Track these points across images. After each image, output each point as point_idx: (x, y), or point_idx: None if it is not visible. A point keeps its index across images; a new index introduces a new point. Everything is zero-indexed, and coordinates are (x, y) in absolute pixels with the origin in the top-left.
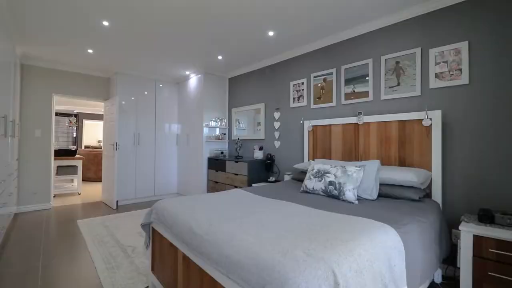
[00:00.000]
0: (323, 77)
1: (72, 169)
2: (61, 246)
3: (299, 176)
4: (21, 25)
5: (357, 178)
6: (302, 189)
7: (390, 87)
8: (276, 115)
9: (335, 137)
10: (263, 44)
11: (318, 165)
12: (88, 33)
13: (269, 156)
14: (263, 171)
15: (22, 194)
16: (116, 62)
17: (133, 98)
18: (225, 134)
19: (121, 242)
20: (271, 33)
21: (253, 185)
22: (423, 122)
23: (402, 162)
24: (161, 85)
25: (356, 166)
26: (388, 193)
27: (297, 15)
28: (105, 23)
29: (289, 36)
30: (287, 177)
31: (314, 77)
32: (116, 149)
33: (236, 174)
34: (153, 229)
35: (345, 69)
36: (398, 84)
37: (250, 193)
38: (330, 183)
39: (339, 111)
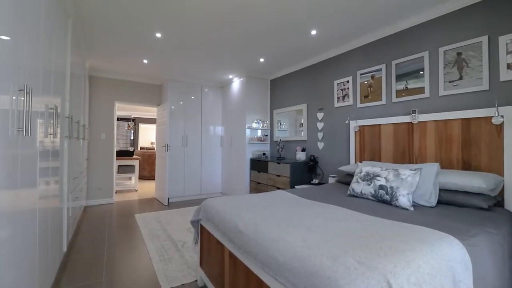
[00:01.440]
0: (370, 74)
1: (130, 168)
2: (122, 237)
3: (345, 179)
4: (90, 42)
5: (412, 182)
6: (348, 192)
7: (450, 82)
8: (319, 115)
9: (385, 137)
10: (306, 44)
11: (367, 167)
12: (144, 45)
13: (312, 157)
14: (306, 173)
15: (90, 190)
16: (167, 70)
17: (181, 102)
18: (266, 135)
19: (172, 237)
20: (313, 32)
21: (295, 187)
22: (492, 120)
23: (467, 166)
24: (206, 90)
25: (411, 170)
26: (449, 200)
27: (345, 8)
28: (158, 35)
29: (333, 34)
30: (331, 180)
31: (361, 74)
32: (167, 150)
33: (278, 176)
34: (201, 226)
35: (396, 64)
36: (461, 78)
37: (294, 195)
38: (381, 187)
39: (389, 110)
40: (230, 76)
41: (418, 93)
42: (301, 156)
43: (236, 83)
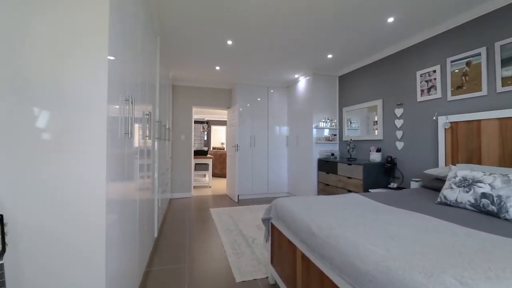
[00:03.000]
0: (465, 60)
1: (204, 166)
2: (200, 228)
3: (433, 184)
4: (173, 55)
5: None
6: (439, 200)
7: None
8: (398, 111)
9: (487, 135)
10: (380, 34)
11: (464, 171)
12: (217, 53)
13: (389, 159)
14: (382, 176)
15: (173, 184)
16: (236, 74)
17: (248, 104)
18: (335, 135)
19: (243, 232)
20: (390, 19)
21: (370, 190)
22: None
23: None
24: (272, 91)
25: None
26: None
27: None
28: (229, 42)
29: (414, 18)
30: (414, 184)
31: (452, 61)
32: (237, 150)
33: (349, 178)
34: (272, 225)
35: (500, 46)
36: None
37: (370, 200)
38: (484, 195)
39: (492, 102)
40: (296, 76)
41: None
42: (375, 157)
43: (302, 82)
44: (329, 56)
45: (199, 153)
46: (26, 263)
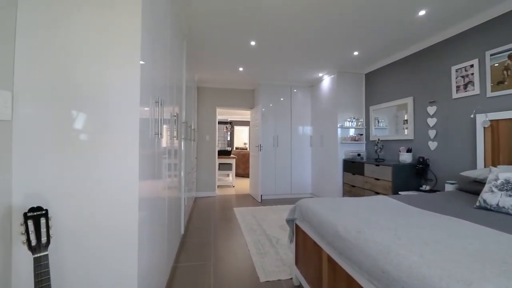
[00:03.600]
0: (507, 53)
1: (228, 166)
2: (224, 227)
3: (470, 187)
4: (198, 58)
5: None
6: (478, 204)
7: None
8: (431, 109)
9: None
10: (410, 28)
11: (506, 173)
12: (240, 54)
13: (421, 159)
14: (413, 178)
15: (199, 183)
16: (259, 75)
17: (271, 104)
18: (362, 134)
19: (267, 232)
20: (422, 12)
21: (399, 193)
22: None
23: None
24: (295, 90)
25: None
26: None
27: None
28: (252, 43)
29: (449, 10)
30: (449, 187)
31: (492, 55)
32: (260, 150)
33: (377, 179)
34: (297, 226)
35: None
36: None
37: (401, 202)
38: None
39: None
40: (320, 74)
41: None
42: (406, 157)
43: (326, 81)
44: (355, 53)
45: (222, 153)
46: (68, 254)
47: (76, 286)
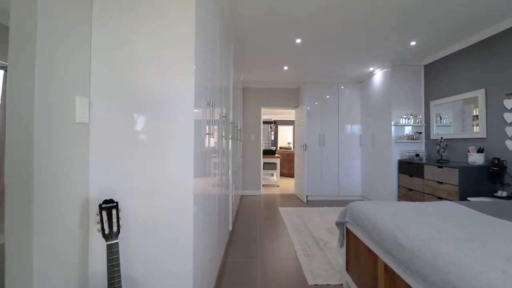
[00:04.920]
0: None
1: (272, 165)
2: (270, 226)
3: None
4: (243, 59)
5: None
6: None
7: None
8: (508, 103)
9: None
10: (481, 9)
11: None
12: (285, 53)
13: (495, 161)
14: (485, 182)
15: (244, 182)
16: (305, 73)
17: (316, 103)
18: (420, 133)
19: (314, 234)
20: None
21: (468, 199)
22: None
23: None
24: (342, 87)
25: None
26: None
27: None
28: (298, 40)
29: None
30: None
31: None
32: (305, 150)
33: (440, 183)
34: (347, 229)
35: None
36: None
37: (472, 210)
38: None
39: None
40: (371, 69)
41: None
42: (476, 158)
43: (378, 76)
44: (412, 43)
45: (267, 152)
46: (133, 243)
47: (140, 272)
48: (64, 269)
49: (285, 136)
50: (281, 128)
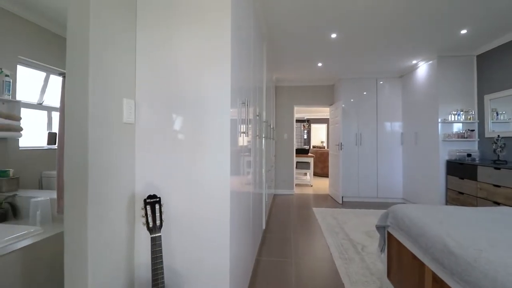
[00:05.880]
0: None
1: (305, 165)
2: (304, 226)
3: None
4: (276, 58)
5: None
6: None
7: None
8: None
9: None
10: None
11: None
12: (319, 49)
13: None
14: None
15: (277, 181)
16: (340, 69)
17: (352, 100)
18: (472, 130)
19: (350, 237)
20: None
21: None
22: None
23: None
24: (381, 82)
25: None
26: None
27: None
28: (333, 35)
29: None
30: None
31: None
32: (341, 149)
33: (497, 186)
34: (389, 234)
35: None
36: None
37: None
38: None
39: None
40: (414, 62)
41: None
42: None
43: (422, 69)
44: (463, 31)
45: (300, 151)
46: (174, 236)
47: (180, 265)
48: (114, 258)
49: (318, 135)
50: (314, 126)
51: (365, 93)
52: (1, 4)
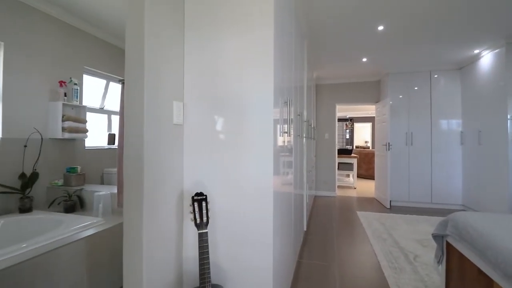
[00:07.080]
0: None
1: (348, 166)
2: (347, 230)
3: None
4: (317, 56)
5: None
6: None
7: None
8: None
9: None
10: None
11: None
12: (364, 43)
13: None
14: None
15: (318, 182)
16: (387, 63)
17: (400, 96)
18: None
19: (400, 245)
20: None
21: None
22: None
23: None
24: (436, 76)
25: None
26: None
27: None
28: (380, 28)
29: None
30: None
31: None
32: (388, 149)
33: None
34: (448, 244)
35: None
36: None
37: None
38: None
39: None
40: (476, 51)
41: None
42: None
43: (486, 58)
44: None
45: (342, 152)
46: (219, 233)
47: (224, 261)
48: (165, 249)
49: (362, 134)
50: (357, 125)
51: (416, 88)
52: (71, 21)
